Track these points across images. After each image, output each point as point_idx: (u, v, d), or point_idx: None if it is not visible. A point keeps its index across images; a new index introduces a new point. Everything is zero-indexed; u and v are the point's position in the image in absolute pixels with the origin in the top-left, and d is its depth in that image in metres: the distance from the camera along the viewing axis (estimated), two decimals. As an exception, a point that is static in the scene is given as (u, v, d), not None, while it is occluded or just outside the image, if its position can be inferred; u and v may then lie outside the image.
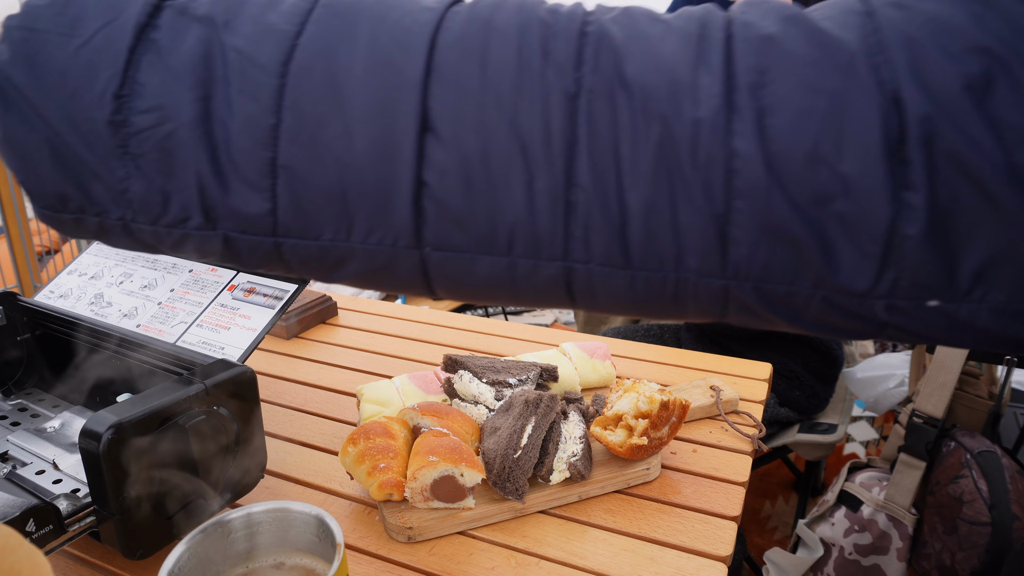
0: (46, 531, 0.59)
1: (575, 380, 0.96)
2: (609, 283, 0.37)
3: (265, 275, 0.84)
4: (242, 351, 0.76)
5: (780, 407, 1.49)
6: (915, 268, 0.32)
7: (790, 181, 0.32)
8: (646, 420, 0.78)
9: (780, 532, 1.94)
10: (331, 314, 1.28)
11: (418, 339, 1.19)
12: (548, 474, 0.76)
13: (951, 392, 1.43)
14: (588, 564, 0.69)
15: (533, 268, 0.37)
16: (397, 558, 0.71)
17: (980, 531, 1.34)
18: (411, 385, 0.93)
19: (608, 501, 0.78)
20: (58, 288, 0.93)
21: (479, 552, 0.71)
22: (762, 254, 0.34)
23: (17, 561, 0.38)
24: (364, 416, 0.89)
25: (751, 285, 0.35)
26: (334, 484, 0.82)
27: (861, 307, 0.34)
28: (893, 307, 0.33)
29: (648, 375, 1.05)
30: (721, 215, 0.33)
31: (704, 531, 0.73)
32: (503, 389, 0.86)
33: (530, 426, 0.78)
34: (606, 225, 0.35)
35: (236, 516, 0.56)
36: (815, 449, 1.49)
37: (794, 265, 0.34)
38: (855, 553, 1.46)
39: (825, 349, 1.50)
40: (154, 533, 0.64)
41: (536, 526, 0.74)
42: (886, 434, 2.35)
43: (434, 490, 0.72)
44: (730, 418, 0.92)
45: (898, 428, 1.50)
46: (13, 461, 0.74)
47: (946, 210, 0.30)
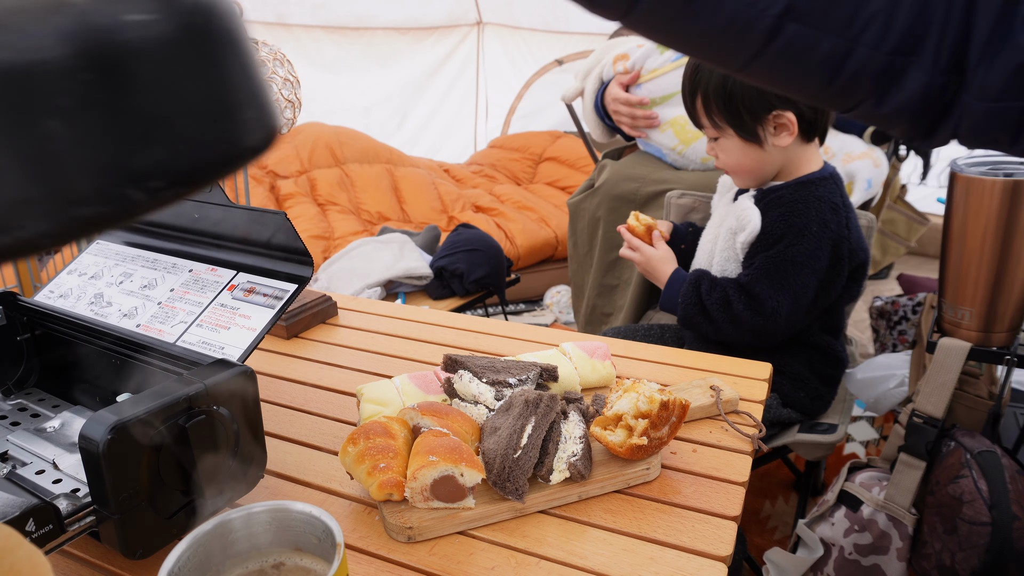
0: (46, 531, 0.59)
1: (575, 380, 0.96)
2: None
3: (265, 274, 0.84)
4: (242, 351, 0.76)
5: (783, 408, 1.49)
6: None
7: None
8: (646, 420, 0.78)
9: (780, 532, 1.94)
10: (331, 314, 1.28)
11: (418, 339, 1.19)
12: (548, 474, 0.76)
13: (951, 392, 1.43)
14: (588, 564, 0.69)
15: (868, 59, 0.47)
16: (397, 558, 0.71)
17: (980, 531, 1.34)
18: (411, 385, 0.93)
19: (608, 501, 0.78)
20: (58, 288, 0.93)
21: (479, 552, 0.71)
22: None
23: (17, 561, 0.38)
24: (364, 416, 0.89)
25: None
26: (334, 484, 0.82)
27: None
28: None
29: (648, 375, 1.05)
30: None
31: (704, 531, 0.73)
32: (503, 389, 0.86)
33: (530, 426, 0.78)
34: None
35: (236, 516, 0.56)
36: (815, 449, 1.49)
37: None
38: (855, 553, 1.46)
39: (830, 351, 1.50)
40: (154, 533, 0.64)
41: (536, 526, 0.74)
42: (886, 434, 2.35)
43: (434, 490, 0.72)
44: (730, 418, 0.92)
45: (898, 428, 1.50)
46: (13, 461, 0.74)
47: None
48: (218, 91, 0.34)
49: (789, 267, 1.33)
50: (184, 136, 0.34)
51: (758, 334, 1.37)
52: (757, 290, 1.34)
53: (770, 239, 1.35)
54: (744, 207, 1.38)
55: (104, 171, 0.32)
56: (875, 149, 1.98)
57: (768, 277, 1.34)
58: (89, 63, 0.29)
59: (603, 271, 2.05)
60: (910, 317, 2.35)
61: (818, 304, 1.38)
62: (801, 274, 1.33)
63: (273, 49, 1.10)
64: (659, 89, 1.91)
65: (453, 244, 2.51)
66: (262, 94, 0.37)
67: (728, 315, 1.36)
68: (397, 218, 3.65)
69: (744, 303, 1.35)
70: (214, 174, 0.36)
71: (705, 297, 1.38)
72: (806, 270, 1.33)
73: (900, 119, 0.51)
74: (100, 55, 0.30)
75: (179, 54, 0.33)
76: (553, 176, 4.07)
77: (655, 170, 1.95)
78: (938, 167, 2.89)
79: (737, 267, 1.43)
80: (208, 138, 0.35)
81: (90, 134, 0.30)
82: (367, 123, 4.64)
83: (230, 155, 0.36)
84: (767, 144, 1.36)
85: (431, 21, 4.60)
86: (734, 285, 1.37)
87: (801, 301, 1.34)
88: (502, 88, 4.79)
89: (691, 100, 1.39)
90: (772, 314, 1.34)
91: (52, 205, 0.31)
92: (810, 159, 1.40)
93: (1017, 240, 1.38)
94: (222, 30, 0.34)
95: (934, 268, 3.17)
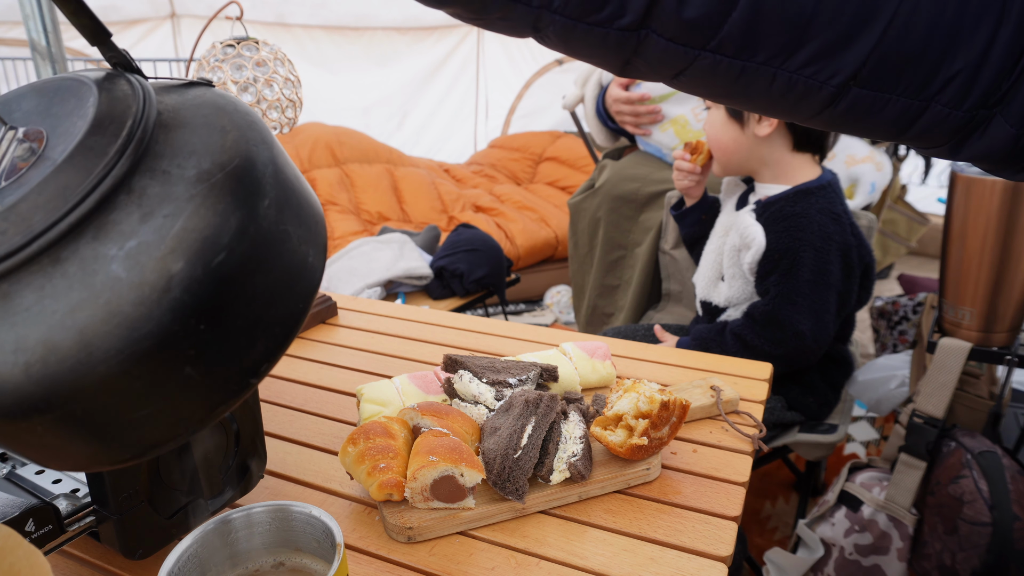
0: (46, 531, 0.59)
1: (575, 380, 0.96)
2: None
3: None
4: (242, 351, 0.76)
5: (788, 411, 1.49)
6: None
7: None
8: (646, 420, 0.78)
9: (780, 532, 1.94)
10: (331, 314, 1.28)
11: (418, 339, 1.19)
12: (548, 474, 0.76)
13: (951, 392, 1.43)
14: (588, 564, 0.69)
15: (946, 117, 0.43)
16: (397, 558, 0.71)
17: (980, 531, 1.34)
18: (411, 385, 0.93)
19: (608, 501, 0.78)
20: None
21: (479, 552, 0.71)
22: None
23: (16, 561, 0.38)
24: (364, 416, 0.89)
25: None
26: (334, 484, 0.82)
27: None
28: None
29: (648, 375, 1.05)
30: None
31: (704, 531, 0.73)
32: (503, 389, 0.86)
33: (530, 426, 0.78)
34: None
35: (236, 516, 0.56)
36: (815, 449, 1.49)
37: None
38: (855, 553, 1.45)
39: (841, 358, 1.50)
40: (154, 533, 0.64)
41: (536, 526, 0.74)
42: (886, 434, 2.35)
43: (434, 490, 0.72)
44: (730, 418, 0.92)
45: (899, 428, 1.50)
46: (13, 461, 0.74)
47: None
48: (279, 274, 0.43)
49: (805, 287, 1.32)
50: (274, 319, 0.43)
51: (787, 361, 1.35)
52: (780, 317, 1.33)
53: (776, 255, 1.34)
54: (747, 224, 1.37)
55: (230, 380, 0.42)
56: (877, 152, 1.98)
57: (788, 302, 1.32)
58: (199, 318, 0.39)
59: (604, 271, 2.05)
60: (910, 317, 2.35)
61: (840, 316, 1.38)
62: (817, 291, 1.32)
63: (274, 49, 1.10)
64: (658, 87, 1.91)
65: (453, 244, 2.51)
66: (310, 237, 0.45)
67: (751, 354, 1.33)
68: (397, 218, 3.65)
69: (764, 336, 1.34)
70: (297, 328, 0.45)
71: (722, 351, 1.36)
72: (821, 286, 1.32)
73: (979, 163, 0.48)
74: (203, 307, 0.39)
75: (251, 267, 0.41)
76: (553, 176, 4.08)
77: (655, 170, 1.96)
78: (938, 167, 2.89)
79: (745, 284, 1.42)
80: (288, 310, 0.44)
81: (213, 365, 0.40)
82: (367, 123, 4.64)
83: (303, 307, 0.45)
84: (747, 127, 1.36)
85: (431, 21, 4.60)
86: (742, 323, 1.36)
87: (824, 317, 1.33)
88: (502, 88, 4.79)
89: None
90: (795, 337, 1.32)
91: (200, 419, 0.43)
92: (804, 167, 1.40)
93: (1017, 240, 1.38)
94: (270, 233, 0.42)
95: (934, 268, 3.17)
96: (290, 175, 0.45)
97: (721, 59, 0.42)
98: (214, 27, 1.17)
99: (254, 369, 0.43)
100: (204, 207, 0.39)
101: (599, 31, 0.41)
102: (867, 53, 0.41)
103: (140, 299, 0.37)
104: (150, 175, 0.39)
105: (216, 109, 0.44)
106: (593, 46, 0.42)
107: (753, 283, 1.40)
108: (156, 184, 0.39)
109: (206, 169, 0.40)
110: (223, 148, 0.41)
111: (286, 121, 1.12)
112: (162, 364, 0.38)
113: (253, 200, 0.41)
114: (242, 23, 1.08)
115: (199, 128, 0.42)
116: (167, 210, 0.38)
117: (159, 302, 0.37)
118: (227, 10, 1.05)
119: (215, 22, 1.08)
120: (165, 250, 0.38)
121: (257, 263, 0.41)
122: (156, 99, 0.43)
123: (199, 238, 0.38)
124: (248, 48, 1.07)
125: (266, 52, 1.08)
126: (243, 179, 0.41)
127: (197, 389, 0.41)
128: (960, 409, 1.56)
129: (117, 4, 4.06)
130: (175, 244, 0.38)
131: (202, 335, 0.39)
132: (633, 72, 0.45)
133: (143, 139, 0.40)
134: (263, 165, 0.42)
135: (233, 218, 0.40)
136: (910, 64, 0.42)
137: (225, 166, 0.40)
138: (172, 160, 0.40)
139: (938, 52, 0.41)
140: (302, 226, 0.44)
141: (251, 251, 0.40)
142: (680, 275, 1.89)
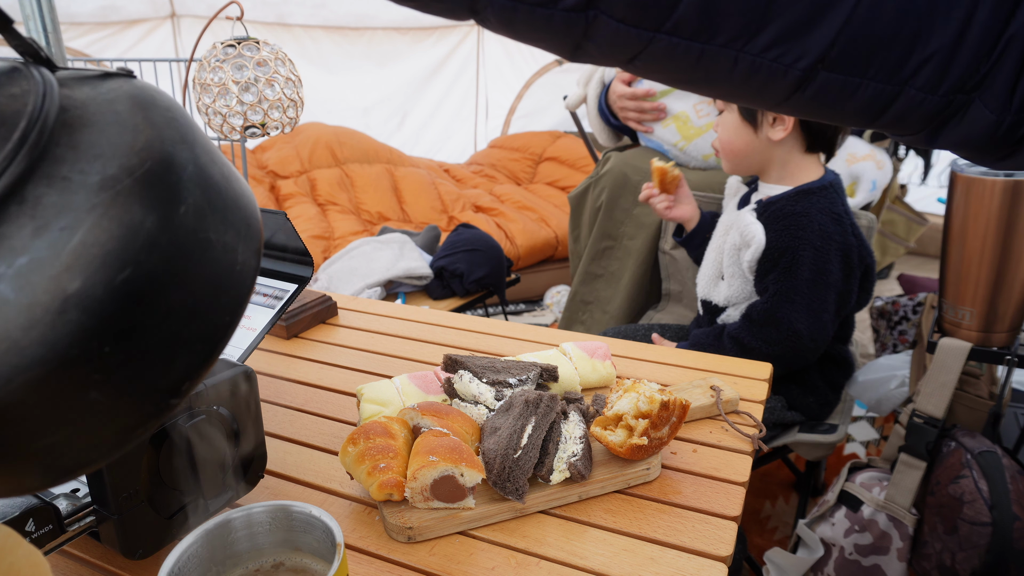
0: (46, 531, 0.59)
1: (575, 380, 0.96)
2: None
3: (266, 274, 0.84)
4: (242, 351, 0.76)
5: (788, 411, 1.49)
6: None
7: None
8: (646, 420, 0.78)
9: (780, 532, 1.94)
10: (331, 314, 1.28)
11: (418, 339, 1.19)
12: (548, 474, 0.76)
13: (951, 392, 1.43)
14: (588, 564, 0.69)
15: (921, 102, 0.41)
16: (397, 558, 0.71)
17: (980, 531, 1.34)
18: (411, 385, 0.93)
19: (608, 501, 0.78)
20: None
21: (479, 552, 0.71)
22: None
23: (16, 561, 0.38)
24: (364, 416, 0.89)
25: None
26: (334, 484, 0.82)
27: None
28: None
29: (648, 375, 1.05)
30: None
31: (704, 531, 0.73)
32: (503, 389, 0.86)
33: (530, 426, 0.78)
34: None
35: (236, 516, 0.56)
36: (815, 449, 1.49)
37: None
38: (855, 553, 1.45)
39: (841, 358, 1.49)
40: (154, 533, 0.64)
41: (536, 526, 0.74)
42: (886, 434, 2.35)
43: (434, 490, 0.72)
44: (730, 418, 0.92)
45: (898, 428, 1.50)
46: (13, 461, 0.74)
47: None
48: (199, 286, 0.39)
49: (803, 286, 1.32)
50: (194, 335, 0.40)
51: (785, 361, 1.35)
52: (778, 315, 1.32)
53: (775, 254, 1.34)
54: (747, 222, 1.37)
55: (145, 403, 0.38)
56: (878, 150, 1.98)
57: (786, 300, 1.32)
58: (102, 340, 0.35)
59: (590, 259, 2.03)
60: (910, 317, 2.35)
61: (839, 316, 1.38)
62: (815, 289, 1.32)
63: (275, 48, 1.10)
64: (660, 84, 1.91)
65: (453, 244, 2.51)
66: (239, 242, 0.41)
67: (748, 354, 1.32)
68: (397, 218, 3.65)
69: (754, 335, 1.34)
70: (224, 341, 0.41)
71: (720, 352, 1.36)
72: (819, 285, 1.32)
73: (959, 150, 0.46)
74: (107, 328, 0.35)
75: (164, 281, 0.37)
76: (553, 176, 4.07)
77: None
78: (938, 167, 2.89)
79: (745, 283, 1.42)
80: (212, 323, 0.40)
81: (123, 388, 0.37)
82: (367, 123, 4.64)
83: (231, 319, 0.41)
84: (761, 131, 1.36)
85: (431, 21, 4.60)
86: (739, 326, 1.36)
87: (822, 317, 1.33)
88: (502, 88, 4.79)
89: None
90: (793, 335, 1.32)
91: (116, 443, 0.39)
92: (810, 167, 1.40)
93: (1017, 240, 1.38)
94: (188, 242, 0.38)
95: (934, 268, 3.17)
96: (216, 175, 0.41)
97: (678, 41, 0.40)
98: (214, 27, 1.17)
99: (174, 389, 0.39)
100: (107, 218, 0.35)
101: (542, 12, 0.39)
102: (835, 34, 0.39)
103: (31, 322, 0.33)
104: (47, 182, 0.35)
105: (131, 105, 0.39)
106: (538, 29, 0.40)
107: (752, 282, 1.40)
108: (53, 193, 0.35)
109: (111, 175, 0.36)
110: (133, 150, 0.37)
111: (288, 121, 1.13)
112: (61, 391, 0.35)
113: (167, 207, 0.37)
114: (242, 23, 1.08)
115: (108, 127, 0.38)
116: (64, 222, 0.34)
117: (53, 325, 0.33)
118: (227, 10, 1.05)
119: (215, 22, 1.08)
120: (60, 267, 0.34)
121: (171, 276, 0.37)
122: (61, 94, 0.38)
123: (100, 253, 0.35)
124: (249, 48, 1.07)
125: (267, 52, 1.08)
126: (155, 184, 0.37)
127: (107, 413, 0.37)
128: (960, 409, 1.56)
129: (117, 4, 4.05)
130: (71, 260, 0.34)
131: (107, 358, 0.35)
132: (585, 57, 0.43)
133: (39, 141, 0.36)
134: (181, 167, 0.39)
135: (141, 229, 0.36)
136: (881, 45, 0.40)
137: (134, 170, 0.36)
138: (74, 165, 0.36)
139: (911, 33, 0.39)
140: (230, 231, 0.40)
141: (163, 264, 0.37)
142: (680, 275, 1.89)
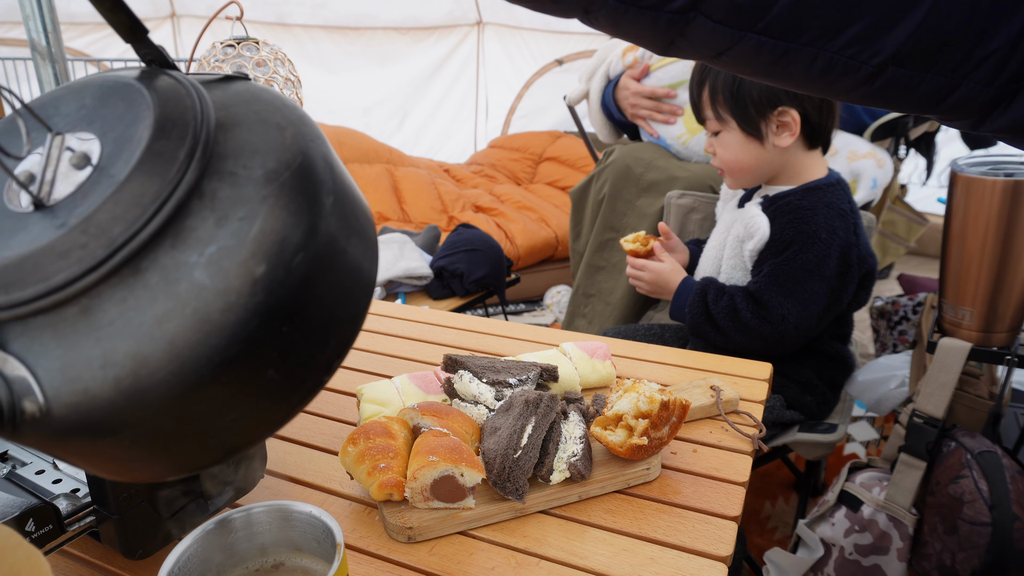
0: (46, 531, 0.59)
1: (575, 380, 0.96)
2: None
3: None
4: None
5: (787, 410, 1.49)
6: None
7: None
8: (646, 420, 0.78)
9: (780, 532, 1.94)
10: (331, 314, 1.28)
11: (418, 339, 1.19)
12: (548, 474, 0.76)
13: (951, 392, 1.43)
14: (588, 564, 0.69)
15: (978, 94, 0.44)
16: (397, 558, 0.71)
17: (980, 531, 1.34)
18: (411, 385, 0.93)
19: (608, 501, 0.78)
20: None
21: (479, 552, 0.71)
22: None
23: (16, 561, 0.38)
24: (364, 416, 0.89)
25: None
26: (334, 484, 0.82)
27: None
28: None
29: (648, 375, 1.05)
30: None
31: (704, 531, 0.73)
32: (503, 389, 0.86)
33: (530, 426, 0.78)
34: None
35: (236, 516, 0.56)
36: (815, 449, 1.49)
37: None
38: (855, 553, 1.45)
39: (839, 358, 1.49)
40: (154, 533, 0.64)
41: (536, 526, 0.74)
42: (886, 434, 2.35)
43: (434, 490, 0.72)
44: (730, 418, 0.92)
45: (898, 428, 1.50)
46: (13, 461, 0.74)
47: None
48: (346, 270, 0.43)
49: (798, 274, 1.32)
50: (343, 316, 0.43)
51: (768, 342, 1.35)
52: (766, 297, 1.33)
53: (779, 246, 1.34)
54: (752, 214, 1.37)
55: (308, 379, 0.43)
56: (878, 149, 1.98)
57: (777, 284, 1.33)
58: (282, 320, 0.39)
59: (593, 251, 2.03)
60: (910, 317, 2.35)
61: (830, 312, 1.38)
62: (810, 281, 1.32)
63: (274, 49, 1.10)
64: (668, 77, 1.92)
65: (453, 244, 2.51)
66: (364, 232, 0.45)
67: (736, 323, 1.34)
68: (397, 218, 3.65)
69: (752, 311, 1.34)
70: (362, 322, 0.45)
71: (712, 306, 1.37)
72: (815, 277, 1.32)
73: (1001, 135, 0.49)
74: (286, 309, 0.39)
75: (325, 265, 0.41)
76: (553, 176, 4.07)
77: (660, 156, 1.96)
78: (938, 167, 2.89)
79: (744, 275, 1.42)
80: (354, 305, 0.44)
81: (294, 365, 0.41)
82: (367, 123, 4.64)
83: (366, 301, 0.45)
84: (767, 142, 1.36)
85: (431, 21, 4.60)
86: (742, 293, 1.36)
87: (811, 309, 1.33)
88: (502, 88, 4.79)
89: (698, 91, 1.39)
90: (781, 321, 1.33)
91: (280, 419, 0.44)
92: (815, 165, 1.40)
93: (1017, 240, 1.38)
94: (336, 229, 0.42)
95: (934, 268, 3.17)
96: (343, 171, 0.45)
97: (766, 40, 0.43)
98: (214, 27, 1.17)
99: (328, 366, 0.43)
100: (277, 207, 0.38)
101: (650, 14, 0.42)
102: (910, 33, 0.42)
103: (227, 305, 0.36)
104: (218, 177, 0.39)
105: (266, 105, 0.43)
106: (642, 28, 0.43)
107: (750, 272, 1.40)
108: (225, 187, 0.38)
109: (272, 168, 0.39)
110: (284, 146, 0.40)
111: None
112: (249, 368, 0.38)
113: (320, 197, 0.41)
114: (242, 23, 1.08)
115: (255, 126, 0.41)
116: (241, 213, 0.38)
117: (246, 307, 0.37)
118: (227, 10, 1.05)
119: (215, 22, 1.08)
120: (246, 254, 0.37)
121: (329, 260, 0.41)
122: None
123: (277, 239, 0.38)
124: (248, 48, 1.07)
125: (266, 52, 1.08)
126: (308, 176, 0.41)
127: (278, 390, 0.41)
128: (960, 409, 1.56)
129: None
130: (255, 247, 0.37)
131: (285, 337, 0.39)
132: (675, 52, 0.46)
133: (208, 140, 0.39)
134: (321, 161, 0.42)
135: (305, 216, 0.39)
136: (949, 44, 0.42)
137: (291, 164, 0.40)
138: (236, 161, 0.39)
139: (977, 32, 0.42)
140: (358, 221, 0.44)
141: (323, 249, 0.40)
142: (680, 275, 1.89)
